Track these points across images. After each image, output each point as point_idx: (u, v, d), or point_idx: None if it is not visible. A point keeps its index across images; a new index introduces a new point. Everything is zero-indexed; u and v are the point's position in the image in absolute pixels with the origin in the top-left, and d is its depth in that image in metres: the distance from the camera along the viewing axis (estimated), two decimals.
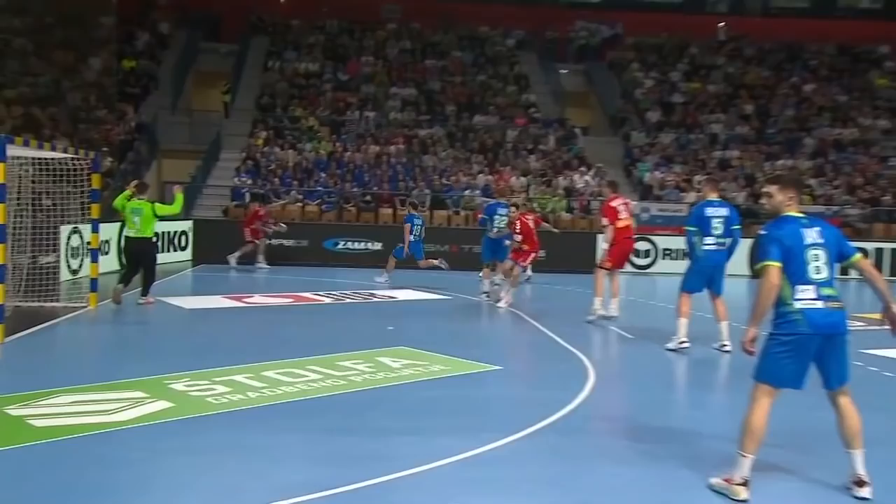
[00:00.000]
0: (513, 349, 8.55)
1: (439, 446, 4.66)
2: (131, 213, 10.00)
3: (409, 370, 6.70)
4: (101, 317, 9.41)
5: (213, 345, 7.93)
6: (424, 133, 21.93)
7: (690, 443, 4.99)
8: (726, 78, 24.94)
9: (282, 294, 11.67)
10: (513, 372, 7.08)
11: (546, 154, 21.28)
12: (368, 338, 8.43)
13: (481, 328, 9.68)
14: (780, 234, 4.03)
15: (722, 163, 21.35)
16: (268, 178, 19.00)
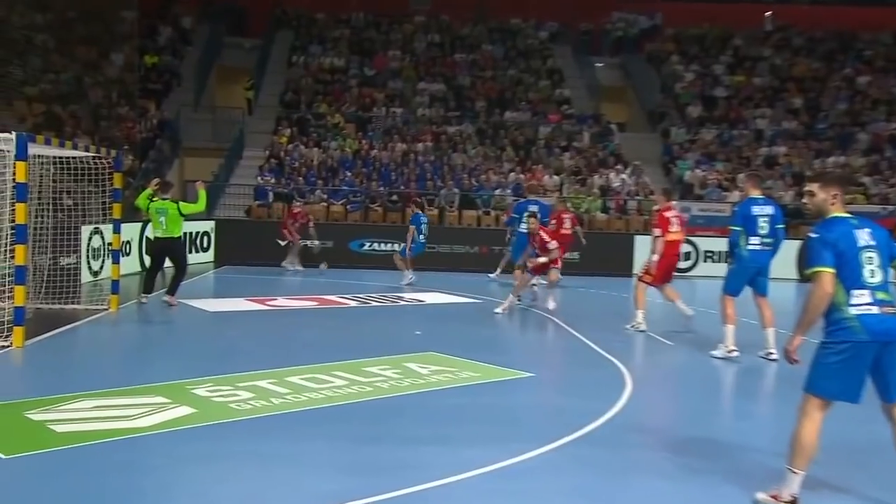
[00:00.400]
0: (545, 355, 8.51)
1: (469, 456, 4.65)
2: (157, 214, 10.22)
3: (438, 377, 6.70)
4: (122, 319, 9.56)
5: (236, 349, 8.01)
6: (453, 130, 21.94)
7: (734, 456, 4.92)
8: (773, 70, 24.56)
9: (306, 297, 11.76)
10: (546, 379, 7.04)
11: (580, 151, 21.16)
12: (395, 343, 8.44)
13: (513, 333, 9.64)
14: (831, 237, 3.93)
15: (768, 160, 21.02)
16: (292, 177, 19.17)
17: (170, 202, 10.26)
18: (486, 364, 7.22)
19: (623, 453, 4.94)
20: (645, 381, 6.93)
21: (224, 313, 10.20)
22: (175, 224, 10.20)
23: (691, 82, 24.18)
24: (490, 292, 13.16)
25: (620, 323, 10.16)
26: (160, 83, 22.69)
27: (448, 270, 15.58)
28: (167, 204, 10.23)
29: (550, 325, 10.01)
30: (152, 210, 10.27)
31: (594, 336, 8.91)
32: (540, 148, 21.13)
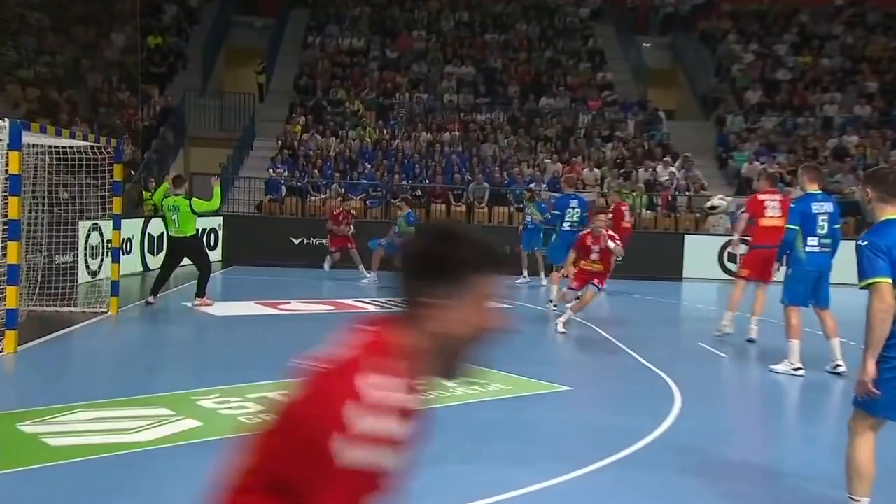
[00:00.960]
0: (584, 367, 8.47)
1: (499, 478, 4.64)
2: (169, 212, 10.41)
3: (465, 389, 6.70)
4: (122, 324, 9.69)
5: (246, 357, 8.08)
6: (483, 118, 21.93)
7: (794, 485, 4.85)
8: (844, 50, 24.17)
9: (321, 300, 11.82)
10: (584, 394, 7.01)
11: (624, 142, 21.03)
12: None
13: (548, 342, 9.61)
14: (884, 243, 3.83)
15: (837, 151, 20.69)
16: (306, 170, 19.30)
17: (182, 198, 10.43)
18: (519, 376, 7.20)
19: (669, 478, 4.90)
20: (695, 397, 6.87)
21: (232, 318, 10.29)
22: (188, 222, 10.41)
23: (750, 64, 23.89)
24: (521, 297, 13.12)
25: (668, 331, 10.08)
26: (164, 66, 22.96)
27: None
28: (179, 200, 10.41)
29: (590, 334, 9.95)
30: (165, 207, 10.47)
31: (639, 346, 8.83)
32: (579, 138, 21.04)
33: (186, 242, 10.51)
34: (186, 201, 10.42)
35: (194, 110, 22.00)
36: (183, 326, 9.68)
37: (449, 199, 18.82)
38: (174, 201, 10.41)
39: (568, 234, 11.58)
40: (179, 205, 10.36)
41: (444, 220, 16.23)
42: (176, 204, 10.37)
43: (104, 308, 9.98)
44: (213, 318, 10.11)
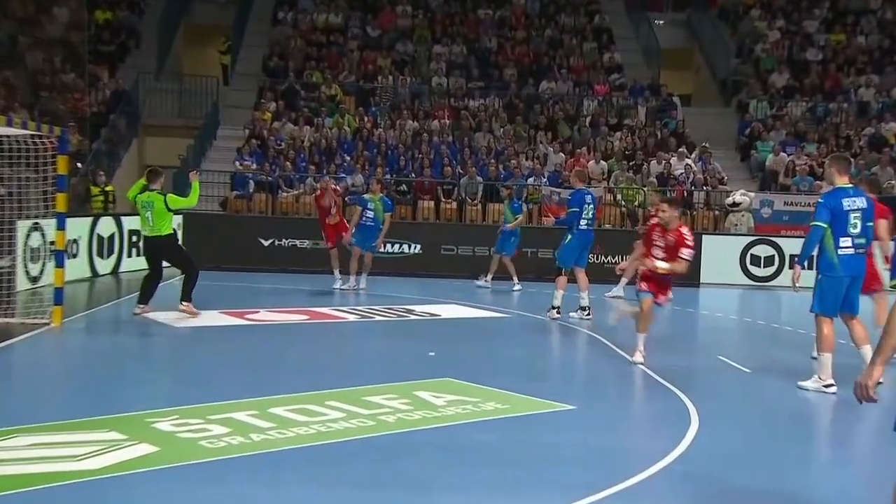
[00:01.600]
0: (590, 383, 8.48)
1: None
2: (143, 209, 10.41)
3: (456, 408, 6.70)
4: (67, 336, 9.64)
5: (208, 373, 8.05)
6: (476, 104, 21.97)
7: None
8: (882, 26, 24.32)
9: (293, 309, 11.81)
10: (590, 413, 7.02)
11: (634, 131, 21.11)
12: (404, 366, 8.44)
13: (549, 356, 9.63)
14: None
15: (874, 140, 20.81)
16: (277, 162, 19.28)
17: (156, 194, 10.43)
18: (516, 393, 7.20)
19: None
20: (714, 416, 6.89)
21: (193, 329, 10.25)
22: (162, 220, 10.45)
23: (776, 43, 24.03)
24: (522, 304, 13.14)
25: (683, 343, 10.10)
26: (114, 44, 22.90)
27: (468, 277, 15.60)
28: (153, 196, 10.43)
29: (595, 346, 9.98)
30: (139, 204, 10.50)
31: (651, 360, 8.85)
32: (584, 126, 21.11)
33: (161, 242, 10.54)
34: (161, 197, 10.44)
35: (149, 95, 21.95)
36: (136, 339, 9.65)
37: (438, 196, 18.84)
38: (148, 197, 10.42)
39: (585, 233, 11.62)
40: (153, 201, 10.38)
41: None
42: (150, 200, 10.39)
43: (46, 319, 9.94)
44: (171, 330, 10.08)
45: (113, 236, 15.42)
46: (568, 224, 11.60)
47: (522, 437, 6.16)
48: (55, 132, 10.00)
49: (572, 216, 11.57)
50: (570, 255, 11.64)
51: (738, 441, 6.40)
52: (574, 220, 11.54)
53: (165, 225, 10.49)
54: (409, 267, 16.94)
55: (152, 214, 10.41)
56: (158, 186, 10.61)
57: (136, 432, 5.70)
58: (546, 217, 12.48)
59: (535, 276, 16.52)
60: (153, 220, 10.42)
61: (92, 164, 18.16)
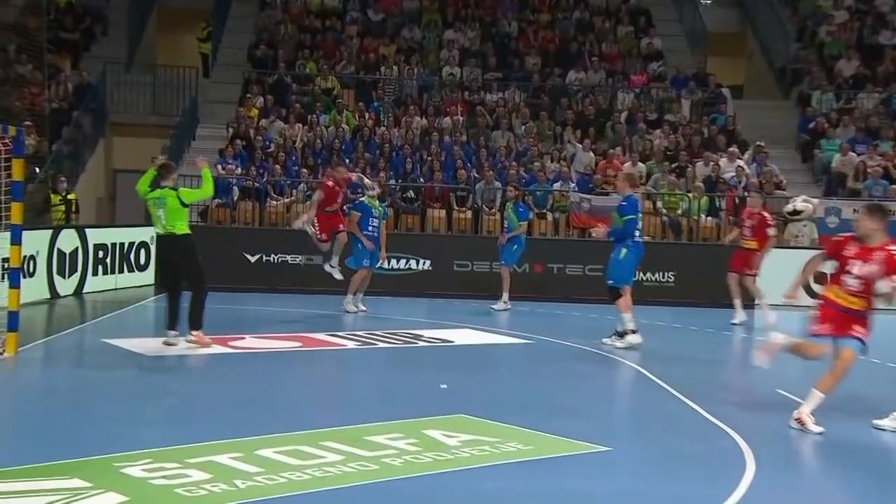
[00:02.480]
0: (627, 421, 8.45)
1: None
2: (154, 206, 10.52)
3: (472, 449, 6.68)
4: (22, 368, 9.66)
5: (186, 410, 8.05)
6: (494, 98, 22.00)
7: None
8: None
9: (284, 335, 11.81)
10: (627, 455, 6.99)
11: (677, 128, 21.09)
12: (411, 400, 8.43)
13: (579, 389, 9.60)
14: None
15: None
16: (265, 165, 19.35)
17: (168, 190, 10.54)
18: (541, 432, 7.18)
19: None
20: (773, 460, 6.85)
21: (168, 359, 10.27)
22: (177, 218, 10.52)
23: (843, 25, 23.99)
24: (547, 329, 13.12)
25: (735, 374, 10.04)
26: (78, 31, 23.06)
27: (485, 298, 15.59)
28: (166, 192, 10.52)
29: (633, 378, 9.94)
30: (149, 202, 10.62)
31: (698, 393, 8.82)
32: (618, 123, 21.11)
33: (176, 243, 10.55)
34: (174, 192, 10.54)
35: (118, 89, 22.11)
36: (103, 371, 9.66)
37: (450, 203, 18.86)
38: (159, 194, 10.52)
39: (639, 245, 11.62)
40: (166, 197, 10.48)
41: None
42: (162, 196, 10.49)
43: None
44: (142, 361, 10.10)
45: (76, 251, 15.48)
46: (624, 235, 11.50)
47: (548, 483, 6.13)
48: (9, 132, 10.05)
49: (630, 225, 11.48)
50: (627, 272, 11.62)
51: (801, 491, 6.36)
52: (632, 230, 11.51)
53: (180, 223, 10.56)
54: (416, 285, 16.95)
55: (165, 212, 10.48)
56: (171, 183, 10.69)
57: (103, 479, 5.70)
58: (596, 228, 12.37)
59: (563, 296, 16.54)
60: (166, 218, 10.49)
61: (52, 169, 18.25)
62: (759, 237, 14.21)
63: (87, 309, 14.77)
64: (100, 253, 16.09)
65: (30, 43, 20.51)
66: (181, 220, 10.58)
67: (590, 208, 18.30)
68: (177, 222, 10.53)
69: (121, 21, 23.55)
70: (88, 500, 5.35)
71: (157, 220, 10.59)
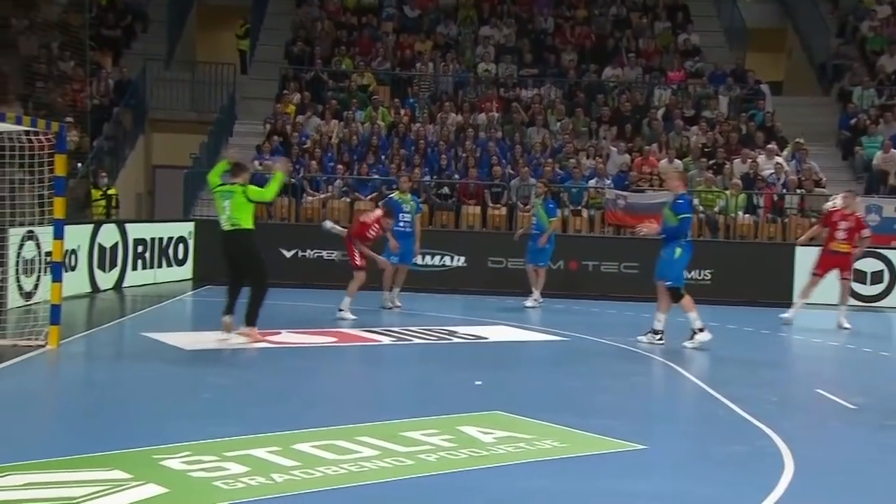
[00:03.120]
0: (663, 419, 8.40)
1: None
2: (220, 198, 10.68)
3: (507, 447, 6.68)
4: (64, 360, 9.79)
5: (224, 404, 8.12)
6: (529, 95, 21.94)
7: None
8: None
9: (320, 330, 11.87)
10: (663, 454, 6.96)
11: (715, 124, 20.92)
12: (446, 397, 8.45)
13: (615, 386, 9.55)
14: None
15: None
16: (301, 161, 19.44)
17: (237, 185, 10.72)
18: (578, 430, 7.17)
19: None
20: (813, 462, 6.77)
21: (206, 353, 10.36)
22: (242, 212, 10.60)
23: (886, 19, 23.67)
24: (583, 327, 13.08)
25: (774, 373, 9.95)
26: (119, 29, 23.26)
27: (520, 294, 15.57)
28: (234, 188, 10.69)
29: (670, 376, 9.88)
30: (217, 193, 10.76)
31: (736, 393, 8.76)
32: (654, 120, 20.98)
33: (240, 238, 10.61)
34: (242, 188, 10.67)
35: (158, 85, 22.27)
36: (143, 364, 9.76)
37: (485, 200, 18.84)
38: (229, 188, 10.66)
39: (691, 245, 11.51)
40: (234, 191, 10.62)
41: None
42: (230, 190, 10.64)
43: (41, 340, 10.07)
44: (181, 353, 10.20)
45: (116, 246, 15.63)
46: (678, 233, 11.38)
47: (585, 481, 6.12)
48: (52, 128, 10.13)
49: (685, 224, 11.38)
50: (682, 271, 11.52)
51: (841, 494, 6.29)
52: (687, 229, 11.43)
53: (246, 217, 10.63)
54: (450, 282, 16.96)
55: (231, 204, 10.56)
56: (241, 181, 10.78)
57: (143, 471, 5.76)
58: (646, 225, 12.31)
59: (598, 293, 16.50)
60: (231, 210, 10.56)
61: (93, 164, 18.44)
62: (852, 239, 14.06)
63: (126, 303, 14.93)
64: (139, 248, 16.25)
65: (72, 40, 20.73)
66: (246, 215, 10.62)
67: (626, 205, 18.21)
68: (242, 216, 10.58)
69: (161, 18, 23.72)
70: (128, 492, 5.40)
71: (223, 212, 10.65)
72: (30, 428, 7.21)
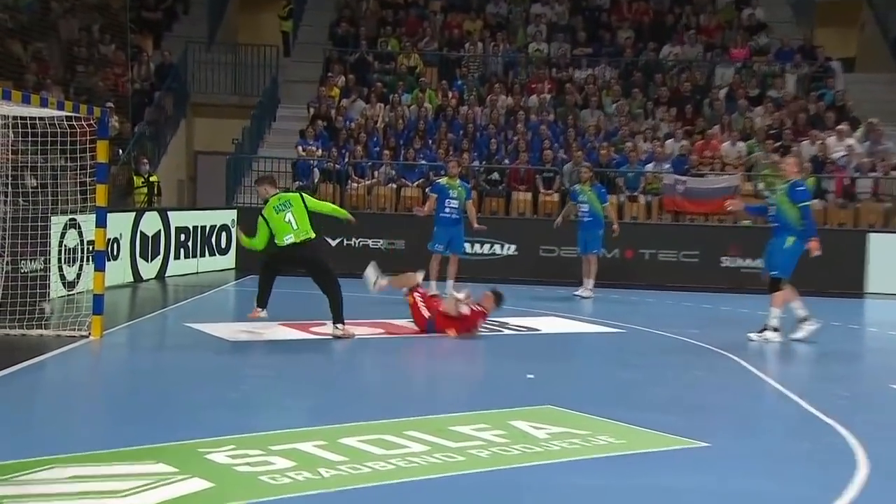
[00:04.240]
0: (728, 415, 8.34)
1: None
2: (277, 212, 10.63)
3: (561, 443, 6.68)
4: (108, 351, 9.95)
5: (269, 397, 8.22)
6: (583, 75, 21.82)
7: None
8: None
9: (367, 322, 11.93)
10: (727, 452, 6.90)
11: (781, 104, 20.65)
12: (497, 390, 8.47)
13: (674, 380, 9.50)
14: None
15: None
16: (347, 146, 19.53)
17: (292, 193, 10.96)
18: (634, 426, 7.15)
19: None
20: (888, 462, 6.67)
21: (250, 344, 10.48)
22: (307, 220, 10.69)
23: None
24: (639, 318, 13.01)
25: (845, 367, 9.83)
26: (160, 11, 23.50)
27: (572, 284, 15.52)
28: (289, 196, 10.84)
29: (732, 370, 9.80)
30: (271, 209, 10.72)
31: (804, 387, 8.68)
32: (716, 100, 20.76)
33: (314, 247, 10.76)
34: (298, 196, 10.84)
35: (199, 68, 22.49)
36: (187, 355, 9.88)
37: (536, 186, 18.79)
38: (283, 198, 10.72)
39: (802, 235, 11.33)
40: (291, 200, 10.68)
41: None
42: (287, 199, 10.69)
43: (84, 330, 10.22)
44: (226, 345, 10.31)
45: (158, 235, 15.83)
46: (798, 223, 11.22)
47: (643, 480, 6.09)
48: (94, 113, 10.23)
49: (807, 212, 11.24)
50: (792, 262, 11.34)
51: None
52: (809, 217, 11.27)
53: (310, 226, 10.67)
54: (501, 271, 16.94)
55: (294, 215, 10.59)
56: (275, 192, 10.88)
57: (188, 465, 5.84)
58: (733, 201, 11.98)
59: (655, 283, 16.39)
60: (297, 222, 10.57)
61: (134, 151, 18.67)
62: None
63: (169, 292, 15.12)
64: (182, 236, 16.44)
65: (113, 23, 20.99)
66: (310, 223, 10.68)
67: (685, 191, 18.07)
68: (308, 224, 10.62)
69: (202, 0, 23.93)
70: (174, 486, 5.48)
71: (286, 228, 10.56)
72: (73, 420, 7.34)
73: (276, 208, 10.65)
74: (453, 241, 14.27)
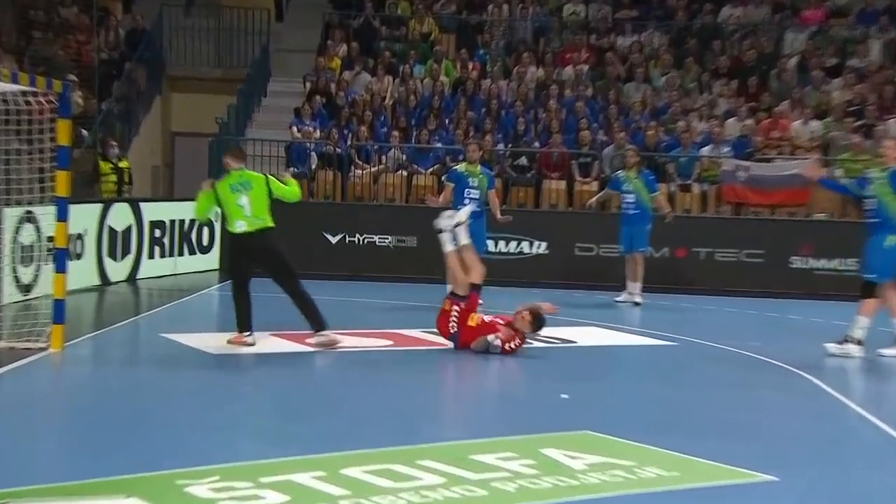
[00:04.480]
0: (797, 443, 8.32)
1: None
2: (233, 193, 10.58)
3: (601, 475, 6.66)
4: (70, 366, 9.97)
5: (258, 419, 8.22)
6: (627, 43, 21.78)
7: None
8: None
9: (372, 331, 11.94)
10: (798, 486, 6.90)
11: (864, 76, 20.56)
12: (525, 413, 8.47)
13: (734, 402, 9.49)
14: None
15: None
16: (349, 127, 19.55)
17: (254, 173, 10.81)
18: (687, 455, 7.13)
19: None
20: None
21: (237, 357, 10.48)
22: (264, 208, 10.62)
23: None
24: (691, 329, 12.98)
25: None
26: None
27: (615, 288, 15.49)
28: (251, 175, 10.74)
29: (805, 390, 9.78)
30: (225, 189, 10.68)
31: (885, 410, 8.63)
32: (785, 71, 20.71)
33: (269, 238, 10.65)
34: (262, 178, 10.73)
35: (177, 36, 22.53)
36: (162, 370, 9.90)
37: (571, 173, 18.77)
38: (242, 176, 10.65)
39: None
40: (252, 181, 10.61)
41: None
42: (247, 180, 10.63)
43: (42, 342, 10.22)
44: (206, 358, 10.33)
45: (129, 230, 15.86)
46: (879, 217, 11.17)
47: None
48: (53, 87, 10.17)
49: None
50: (893, 265, 11.25)
51: None
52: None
53: (268, 214, 10.64)
54: (529, 273, 16.96)
55: (250, 199, 10.56)
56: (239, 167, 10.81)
57: (165, 499, 5.85)
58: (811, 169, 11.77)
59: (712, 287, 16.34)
60: (251, 208, 10.54)
61: (101, 132, 18.72)
62: None
63: (142, 298, 15.18)
64: (156, 231, 16.47)
65: None
66: (268, 211, 10.62)
67: (748, 178, 18.01)
68: (265, 212, 10.57)
69: None
70: None
71: (239, 212, 10.52)
72: (30, 447, 7.35)
73: (232, 186, 10.56)
74: (474, 238, 14.25)
